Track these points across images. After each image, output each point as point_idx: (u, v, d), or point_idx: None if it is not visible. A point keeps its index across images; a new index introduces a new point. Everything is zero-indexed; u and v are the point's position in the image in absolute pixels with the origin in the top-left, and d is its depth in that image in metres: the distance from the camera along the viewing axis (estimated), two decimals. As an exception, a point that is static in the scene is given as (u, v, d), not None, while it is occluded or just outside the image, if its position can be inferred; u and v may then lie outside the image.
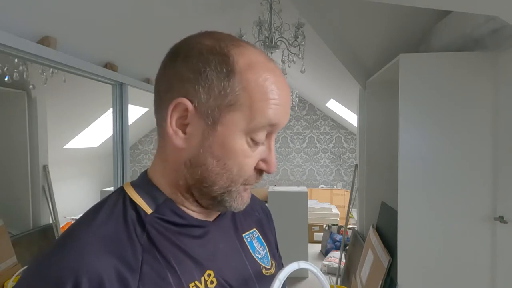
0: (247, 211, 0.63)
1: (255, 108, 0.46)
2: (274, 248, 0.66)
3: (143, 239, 0.46)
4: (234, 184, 0.49)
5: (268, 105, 0.47)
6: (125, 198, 0.50)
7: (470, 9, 1.33)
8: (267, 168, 0.50)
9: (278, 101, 0.47)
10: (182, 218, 0.50)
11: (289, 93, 0.52)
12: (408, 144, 1.76)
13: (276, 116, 0.48)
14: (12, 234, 2.53)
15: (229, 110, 0.46)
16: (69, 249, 0.43)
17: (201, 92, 0.46)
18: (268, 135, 0.49)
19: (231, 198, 0.50)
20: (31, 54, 1.47)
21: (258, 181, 0.52)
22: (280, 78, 0.49)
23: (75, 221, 0.48)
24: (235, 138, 0.47)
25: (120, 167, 2.26)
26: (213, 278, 0.49)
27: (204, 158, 0.47)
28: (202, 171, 0.48)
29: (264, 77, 0.47)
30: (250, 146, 0.48)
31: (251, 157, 0.48)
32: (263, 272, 0.57)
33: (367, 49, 2.57)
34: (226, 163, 0.47)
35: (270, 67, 0.49)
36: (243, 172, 0.48)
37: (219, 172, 0.48)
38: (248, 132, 0.47)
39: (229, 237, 0.56)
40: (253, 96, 0.46)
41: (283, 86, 0.49)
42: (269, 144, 0.50)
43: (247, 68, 0.46)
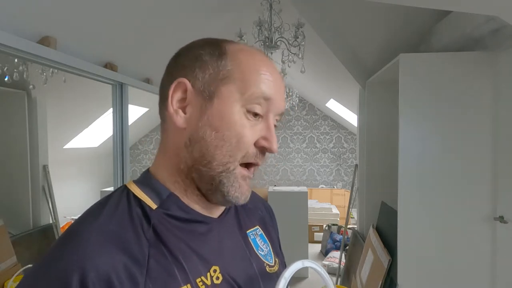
0: (250, 209, 0.64)
1: (247, 80, 0.49)
2: (277, 246, 0.67)
3: (149, 234, 0.46)
4: (233, 160, 0.49)
5: (260, 79, 0.49)
6: (128, 195, 0.50)
7: (470, 9, 1.33)
8: (268, 145, 0.50)
9: (270, 77, 0.50)
10: (187, 213, 0.51)
11: (281, 78, 0.53)
12: (408, 144, 1.76)
13: (269, 90, 0.50)
14: (12, 234, 2.53)
15: (223, 83, 0.49)
16: (75, 245, 0.42)
17: (197, 72, 0.50)
18: (266, 114, 0.51)
19: (228, 181, 0.49)
20: (31, 54, 1.47)
21: (260, 161, 0.51)
22: (271, 64, 0.52)
23: (79, 218, 0.48)
24: (231, 108, 0.48)
25: (120, 167, 2.26)
26: (218, 274, 0.49)
27: (203, 131, 0.49)
28: (201, 146, 0.49)
29: (255, 58, 0.51)
30: (247, 118, 0.49)
31: (250, 130, 0.49)
32: (266, 269, 0.57)
33: (367, 49, 2.57)
34: (224, 134, 0.48)
35: (260, 52, 0.53)
36: (242, 144, 0.49)
37: (217, 144, 0.48)
38: (244, 103, 0.49)
39: (233, 234, 0.56)
40: (245, 71, 0.49)
41: (274, 70, 0.52)
42: (268, 123, 0.51)
43: (237, 51, 0.51)
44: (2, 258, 2.21)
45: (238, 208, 0.61)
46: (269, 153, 0.52)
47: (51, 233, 2.90)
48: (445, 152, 1.74)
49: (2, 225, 2.33)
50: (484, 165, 1.70)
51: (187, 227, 0.50)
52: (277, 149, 0.51)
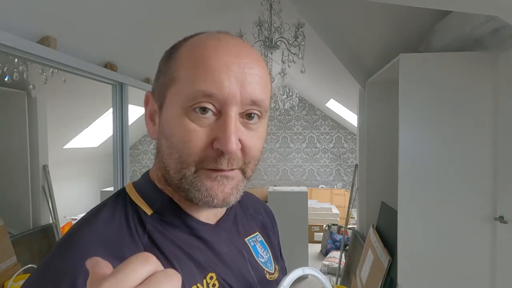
0: (250, 214, 0.63)
1: (184, 78, 0.44)
2: (277, 251, 0.65)
3: (145, 241, 0.46)
4: (186, 166, 0.44)
5: (198, 73, 0.43)
6: (125, 199, 0.49)
7: (470, 9, 1.33)
8: (220, 145, 0.43)
9: (216, 67, 0.43)
10: (182, 219, 0.50)
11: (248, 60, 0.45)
12: (408, 144, 1.76)
13: (212, 85, 0.42)
14: (12, 234, 2.52)
15: (168, 87, 0.46)
16: (69, 251, 0.42)
17: (155, 81, 0.50)
18: (223, 109, 0.44)
19: (191, 186, 0.45)
20: (31, 54, 1.47)
21: (222, 166, 0.44)
22: (227, 45, 0.45)
23: (77, 222, 0.47)
24: (174, 113, 0.45)
25: (120, 167, 2.26)
26: (215, 281, 0.48)
27: (160, 142, 0.48)
28: (161, 156, 0.48)
29: (200, 47, 0.45)
30: (193, 120, 0.44)
31: (196, 132, 0.43)
32: (266, 277, 0.56)
33: (367, 49, 2.57)
34: (171, 141, 0.45)
35: (215, 37, 0.46)
36: (188, 150, 0.44)
37: (169, 152, 0.46)
38: (185, 104, 0.44)
39: (231, 241, 0.55)
40: (184, 67, 0.45)
41: (232, 52, 0.44)
42: (224, 117, 0.44)
43: (186, 46, 0.47)
44: (2, 258, 2.21)
45: (237, 213, 0.59)
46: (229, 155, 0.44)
47: (51, 233, 2.90)
48: (445, 152, 1.73)
49: (2, 225, 2.33)
50: (484, 165, 1.70)
51: (183, 233, 0.49)
52: (234, 148, 0.43)
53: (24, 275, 2.27)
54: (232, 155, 0.44)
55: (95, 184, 4.90)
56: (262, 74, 0.47)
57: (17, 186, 2.89)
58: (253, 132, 0.47)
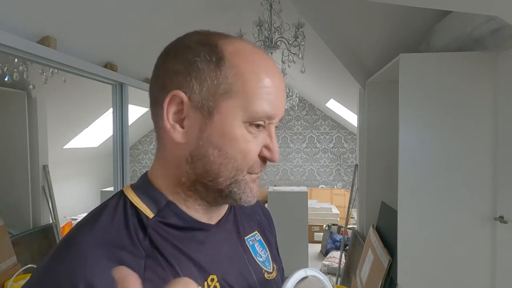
0: (248, 214, 0.63)
1: (249, 96, 0.46)
2: (274, 251, 0.66)
3: (146, 244, 0.45)
4: (240, 173, 0.48)
5: (263, 94, 0.47)
6: (125, 202, 0.49)
7: (470, 9, 1.33)
8: (271, 155, 0.49)
9: (273, 89, 0.48)
10: (184, 221, 0.50)
11: (282, 78, 0.51)
12: (408, 144, 1.76)
13: (272, 106, 0.48)
14: (12, 234, 2.53)
15: (224, 98, 0.46)
16: (68, 256, 0.42)
17: (193, 83, 0.46)
18: (270, 123, 0.49)
19: (239, 189, 0.49)
20: (31, 54, 1.47)
21: (263, 169, 0.51)
22: (271, 64, 0.49)
23: (75, 226, 0.47)
24: (234, 126, 0.46)
25: (120, 167, 2.26)
26: (216, 283, 0.48)
27: (205, 150, 0.47)
28: (204, 164, 0.47)
29: (255, 63, 0.47)
30: (250, 132, 0.47)
31: (254, 143, 0.48)
32: (265, 276, 0.56)
33: (367, 49, 2.57)
34: (228, 152, 0.47)
35: (259, 53, 0.50)
36: (248, 159, 0.48)
37: (222, 162, 0.47)
38: (246, 119, 0.47)
39: (231, 241, 0.55)
40: (247, 83, 0.46)
41: (275, 72, 0.49)
42: (270, 131, 0.49)
43: (236, 55, 0.47)
44: (2, 258, 2.21)
45: (236, 213, 0.59)
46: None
47: (51, 233, 2.90)
48: (445, 152, 1.73)
49: (2, 225, 2.33)
50: (484, 165, 1.70)
51: (184, 235, 0.49)
52: (278, 158, 0.50)
53: (24, 275, 2.27)
54: (275, 161, 0.51)
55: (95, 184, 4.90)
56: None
57: (17, 186, 2.89)
58: None
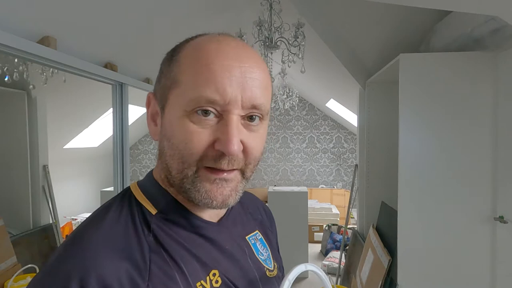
0: (250, 213, 0.64)
1: (187, 82, 0.45)
2: (275, 250, 0.67)
3: (150, 240, 0.47)
4: (187, 166, 0.46)
5: (202, 79, 0.44)
6: (131, 199, 0.51)
7: (470, 9, 1.33)
8: (221, 146, 0.44)
9: (219, 73, 0.44)
10: (186, 218, 0.51)
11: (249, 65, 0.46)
12: (408, 144, 1.76)
13: (214, 91, 0.43)
14: (12, 234, 2.52)
15: (171, 91, 0.47)
16: (78, 251, 0.43)
17: (156, 83, 0.51)
18: (224, 111, 0.45)
19: (192, 186, 0.46)
20: (31, 54, 1.47)
21: (220, 166, 0.45)
22: (229, 50, 0.46)
23: (83, 223, 0.48)
24: (177, 115, 0.46)
25: (120, 167, 2.26)
26: (218, 278, 0.49)
27: (162, 143, 0.49)
28: (164, 157, 0.49)
29: (203, 51, 0.45)
30: (193, 121, 0.45)
31: (199, 133, 0.45)
32: (266, 273, 0.58)
33: (367, 49, 2.57)
34: (173, 142, 0.46)
35: (217, 40, 0.46)
36: (189, 150, 0.45)
37: (171, 153, 0.47)
38: (188, 108, 0.45)
39: (233, 239, 0.56)
40: (186, 71, 0.46)
41: (233, 58, 0.45)
42: (226, 120, 0.45)
43: (188, 48, 0.48)
44: (2, 258, 2.21)
45: (238, 212, 0.61)
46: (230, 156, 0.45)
47: (51, 233, 2.90)
48: (445, 152, 1.73)
49: (2, 225, 2.33)
50: (484, 165, 1.70)
51: (186, 231, 0.50)
52: (235, 150, 0.44)
53: (24, 275, 2.27)
54: (233, 156, 0.45)
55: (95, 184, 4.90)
56: (262, 78, 0.47)
57: (17, 186, 2.89)
58: (255, 133, 0.48)
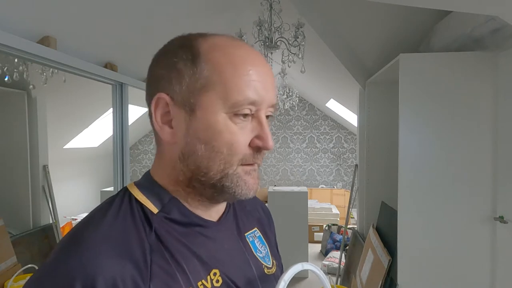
0: (248, 211, 0.65)
1: (228, 85, 0.46)
2: (274, 248, 0.67)
3: (151, 239, 0.46)
4: (229, 166, 0.48)
5: (244, 81, 0.46)
6: (130, 199, 0.50)
7: (470, 9, 1.33)
8: (262, 143, 0.48)
9: (255, 75, 0.47)
10: (187, 217, 0.51)
11: (266, 65, 0.50)
12: (408, 144, 1.76)
13: (256, 92, 0.47)
14: (12, 234, 2.53)
15: (203, 92, 0.47)
16: (80, 250, 0.42)
17: (174, 84, 0.48)
18: (256, 112, 0.49)
19: (232, 183, 0.49)
20: (31, 54, 1.47)
21: (258, 161, 0.50)
22: (251, 52, 0.49)
23: (82, 222, 0.47)
24: (216, 118, 0.47)
25: (120, 167, 2.26)
26: (218, 277, 0.49)
27: (193, 145, 0.48)
28: (194, 160, 0.48)
29: (233, 54, 0.48)
30: (235, 123, 0.47)
31: (240, 134, 0.47)
32: (265, 271, 0.58)
33: (367, 49, 2.57)
34: (214, 145, 0.47)
35: (238, 44, 0.49)
36: (234, 151, 0.47)
37: (209, 155, 0.47)
38: (228, 110, 0.47)
39: (232, 237, 0.56)
40: (224, 73, 0.47)
41: (258, 61, 0.49)
42: (259, 119, 0.49)
43: (212, 49, 0.48)
44: (2, 258, 2.21)
45: (236, 210, 0.61)
46: (266, 151, 0.50)
47: (51, 233, 2.90)
48: (445, 152, 1.73)
49: (2, 225, 2.33)
50: (484, 165, 1.70)
51: (187, 230, 0.50)
52: (273, 145, 0.49)
53: (24, 275, 2.27)
54: (270, 149, 0.49)
55: (95, 184, 4.90)
56: (273, 80, 0.52)
57: (17, 186, 2.89)
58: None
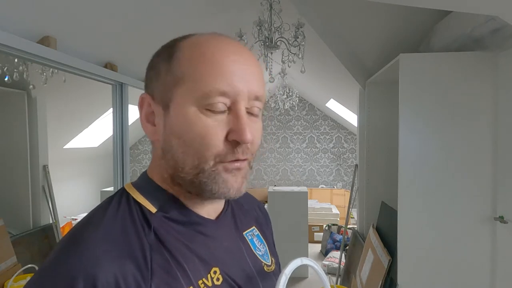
0: (246, 210, 0.65)
1: (197, 78, 0.46)
2: (272, 246, 0.68)
3: (151, 238, 0.46)
4: (204, 160, 0.47)
5: (213, 73, 0.46)
6: (128, 199, 0.50)
7: (470, 9, 1.33)
8: (237, 136, 0.46)
9: (229, 66, 0.46)
10: (185, 215, 0.51)
11: (248, 59, 0.49)
12: (408, 144, 1.76)
13: (228, 83, 0.46)
14: (12, 234, 2.53)
15: (175, 87, 0.47)
16: (80, 251, 0.42)
17: (153, 82, 0.50)
18: (233, 104, 0.47)
19: (209, 179, 0.47)
20: (31, 54, 1.47)
21: (240, 156, 0.47)
22: (229, 45, 0.48)
23: (80, 222, 0.47)
24: (187, 111, 0.46)
25: (120, 167, 2.26)
26: (219, 275, 0.49)
27: (169, 141, 0.49)
28: (172, 155, 0.49)
29: (206, 46, 0.47)
30: (208, 116, 0.46)
31: (212, 127, 0.46)
32: (264, 268, 0.58)
33: (367, 49, 2.57)
34: (185, 139, 0.47)
35: (216, 38, 0.49)
36: (207, 144, 0.46)
37: (183, 150, 0.47)
38: (199, 102, 0.46)
39: (231, 235, 0.56)
40: (194, 66, 0.47)
41: (234, 52, 0.48)
42: (236, 111, 0.47)
43: (188, 46, 0.48)
44: (2, 258, 2.21)
45: (234, 209, 0.61)
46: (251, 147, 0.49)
47: (51, 233, 2.90)
48: (445, 152, 1.73)
49: (2, 225, 2.33)
50: (484, 165, 1.70)
51: (186, 229, 0.50)
52: (250, 138, 0.46)
53: (24, 275, 2.27)
54: (248, 144, 0.47)
55: (95, 184, 4.90)
56: (259, 71, 0.50)
57: (17, 186, 2.89)
58: (256, 124, 0.50)
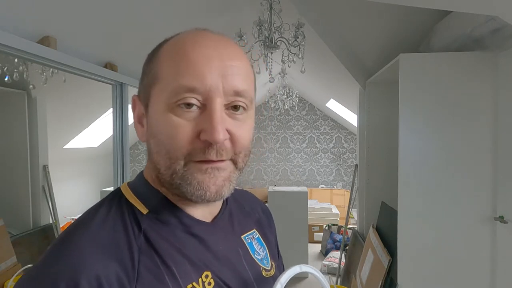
0: (247, 211, 0.63)
1: (165, 76, 0.46)
2: (274, 249, 0.65)
3: (140, 240, 0.46)
4: (174, 161, 0.45)
5: (179, 69, 0.44)
6: (121, 199, 0.50)
7: (470, 9, 1.33)
8: (207, 136, 0.43)
9: (196, 63, 0.44)
10: (178, 217, 0.50)
11: (227, 54, 0.46)
12: (408, 144, 1.76)
13: (194, 79, 0.44)
14: (12, 234, 2.53)
15: (152, 87, 0.47)
16: (66, 252, 0.42)
17: (140, 83, 0.51)
18: (207, 102, 0.45)
19: (182, 181, 0.45)
20: (31, 54, 1.47)
21: (209, 157, 0.45)
22: (205, 40, 0.46)
23: (72, 225, 0.47)
24: (159, 110, 0.46)
25: (120, 167, 2.26)
26: (210, 279, 0.48)
27: (149, 142, 0.49)
28: (152, 156, 0.49)
29: (180, 44, 0.47)
30: (177, 114, 0.45)
31: (181, 126, 0.44)
32: (262, 273, 0.56)
33: (367, 49, 2.57)
34: (158, 138, 0.46)
35: (194, 34, 0.47)
36: (175, 144, 0.44)
37: (157, 150, 0.47)
38: (168, 100, 0.45)
39: (227, 239, 0.55)
40: (165, 65, 0.46)
41: (209, 47, 0.46)
42: (209, 109, 0.44)
43: (168, 45, 0.48)
44: (2, 258, 2.21)
45: (233, 211, 0.59)
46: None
47: (51, 233, 2.90)
48: (445, 152, 1.73)
49: (2, 225, 2.33)
50: (484, 165, 1.70)
51: (178, 231, 0.49)
52: (219, 138, 0.43)
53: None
54: (219, 145, 0.44)
55: (95, 184, 4.90)
56: (242, 65, 0.48)
57: (17, 186, 2.89)
58: (240, 122, 0.47)
